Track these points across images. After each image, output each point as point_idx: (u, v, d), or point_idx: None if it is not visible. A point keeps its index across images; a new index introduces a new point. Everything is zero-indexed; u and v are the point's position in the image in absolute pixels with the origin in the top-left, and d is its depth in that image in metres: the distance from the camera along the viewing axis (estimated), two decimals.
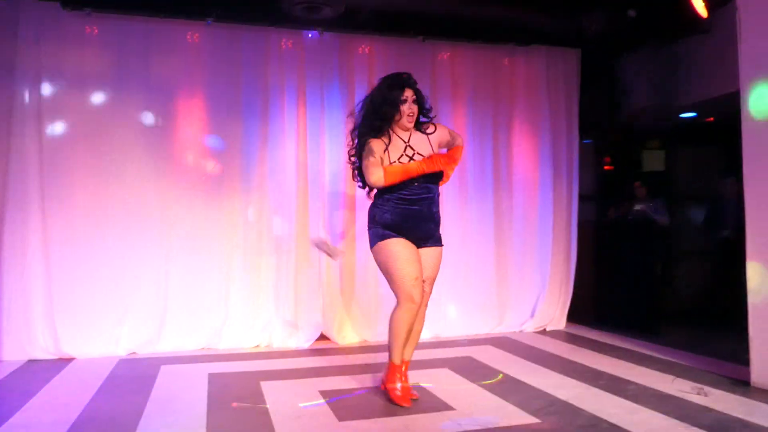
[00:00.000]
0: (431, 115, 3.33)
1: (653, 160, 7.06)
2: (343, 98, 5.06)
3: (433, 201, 3.23)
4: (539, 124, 5.62)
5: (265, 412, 3.10)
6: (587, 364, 4.22)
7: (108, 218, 4.55)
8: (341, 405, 3.24)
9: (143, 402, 3.31)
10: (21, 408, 3.21)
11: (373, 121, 3.16)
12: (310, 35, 4.95)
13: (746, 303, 3.71)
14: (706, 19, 4.38)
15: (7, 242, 4.35)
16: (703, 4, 4.22)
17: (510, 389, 3.55)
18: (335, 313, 4.99)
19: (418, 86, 3.25)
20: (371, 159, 3.08)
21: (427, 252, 3.24)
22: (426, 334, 5.17)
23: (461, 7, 4.87)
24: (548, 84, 5.62)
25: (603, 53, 5.78)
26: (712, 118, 6.27)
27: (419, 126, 3.27)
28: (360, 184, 3.36)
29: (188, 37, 4.77)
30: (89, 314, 4.47)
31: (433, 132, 3.29)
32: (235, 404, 3.24)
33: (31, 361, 4.29)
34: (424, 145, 3.24)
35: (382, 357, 4.49)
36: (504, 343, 4.98)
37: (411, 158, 3.17)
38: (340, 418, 3.02)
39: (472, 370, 4.03)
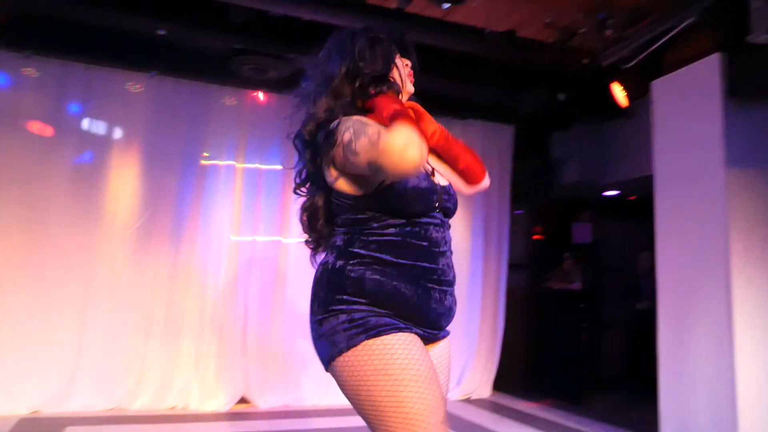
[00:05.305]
0: None
1: (581, 233, 7.36)
2: (283, 157, 5.10)
3: (450, 246, 1.65)
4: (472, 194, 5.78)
5: None
6: None
7: (26, 265, 4.34)
8: None
9: None
10: None
11: (356, 89, 1.59)
12: (254, 95, 5.01)
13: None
14: (627, 107, 4.70)
15: None
16: (624, 94, 4.53)
17: None
18: (258, 376, 4.86)
19: None
20: (369, 129, 1.41)
21: (440, 351, 1.63)
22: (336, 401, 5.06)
23: None
24: (483, 156, 5.78)
25: (536, 131, 6.08)
26: (634, 197, 6.64)
27: None
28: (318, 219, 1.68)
29: (130, 86, 4.74)
30: None
31: None
32: None
33: None
34: None
35: (304, 423, 4.40)
36: None
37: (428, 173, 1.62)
38: None
39: None
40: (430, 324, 1.54)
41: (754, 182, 3.72)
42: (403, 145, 1.28)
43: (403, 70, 1.70)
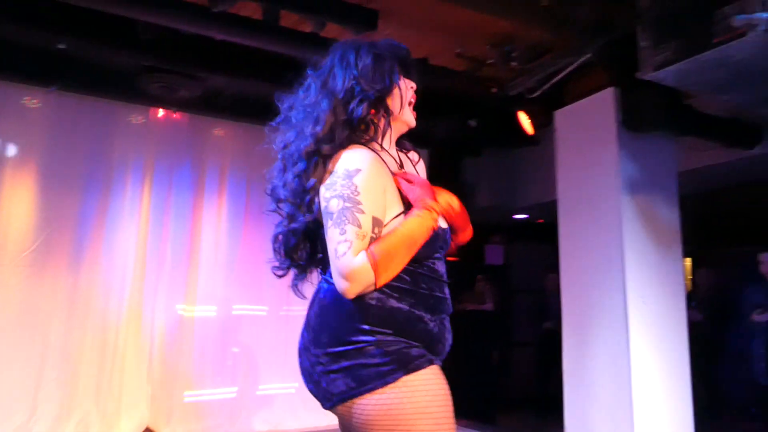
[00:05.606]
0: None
1: (494, 255, 7.60)
2: (194, 179, 4.99)
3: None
4: None
5: None
6: None
7: None
8: None
9: None
10: None
11: (351, 112, 1.49)
12: (163, 113, 4.87)
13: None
14: (533, 134, 4.93)
15: None
16: (529, 122, 4.75)
17: None
18: (164, 403, 4.66)
19: None
20: (349, 229, 1.35)
21: None
22: (247, 428, 4.92)
23: None
24: None
25: (449, 156, 6.23)
26: (542, 220, 6.93)
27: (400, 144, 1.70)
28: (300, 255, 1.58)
29: (26, 101, 4.49)
30: None
31: (418, 162, 1.75)
32: None
33: None
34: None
35: None
36: None
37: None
38: None
39: None
40: (442, 355, 1.50)
41: (645, 206, 3.97)
42: (351, 280, 1.33)
43: (405, 94, 1.59)
